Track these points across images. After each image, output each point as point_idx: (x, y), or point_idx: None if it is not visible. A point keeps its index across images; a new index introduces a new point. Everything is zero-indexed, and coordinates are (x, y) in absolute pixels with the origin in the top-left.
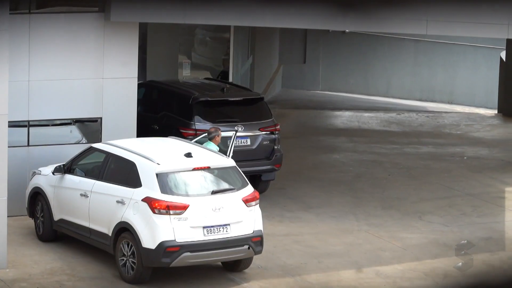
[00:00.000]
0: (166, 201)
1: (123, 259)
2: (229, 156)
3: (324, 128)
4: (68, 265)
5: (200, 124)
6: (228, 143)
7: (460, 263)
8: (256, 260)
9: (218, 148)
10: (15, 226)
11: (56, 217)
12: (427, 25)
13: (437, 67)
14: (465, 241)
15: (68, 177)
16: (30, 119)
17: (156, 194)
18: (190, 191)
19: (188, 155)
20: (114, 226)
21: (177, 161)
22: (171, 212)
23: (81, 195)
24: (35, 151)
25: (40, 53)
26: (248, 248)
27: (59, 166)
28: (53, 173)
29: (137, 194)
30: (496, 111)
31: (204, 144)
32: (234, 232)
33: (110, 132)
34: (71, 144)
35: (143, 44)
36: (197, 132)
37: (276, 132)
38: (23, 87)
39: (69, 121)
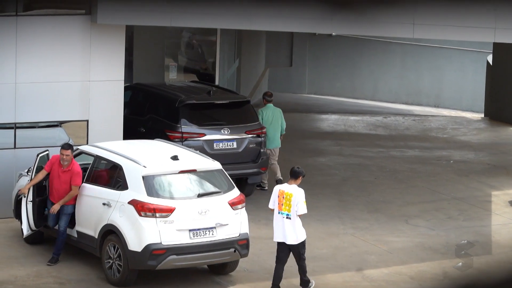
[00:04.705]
0: (152, 204)
1: (109, 262)
2: None
3: (311, 131)
4: (54, 267)
5: (186, 127)
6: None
7: (460, 263)
8: (242, 263)
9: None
10: (1, 228)
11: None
12: (413, 29)
13: (423, 71)
14: (465, 241)
15: None
16: (16, 121)
17: (142, 196)
18: (176, 194)
19: (175, 158)
20: (100, 228)
21: (163, 164)
22: (157, 215)
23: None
24: (22, 153)
25: (27, 55)
26: (234, 251)
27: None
28: (26, 172)
29: (124, 196)
30: (482, 115)
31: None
32: (220, 235)
33: (97, 135)
34: (58, 146)
35: (130, 47)
36: (184, 135)
37: (262, 135)
38: (10, 90)
39: (56, 124)
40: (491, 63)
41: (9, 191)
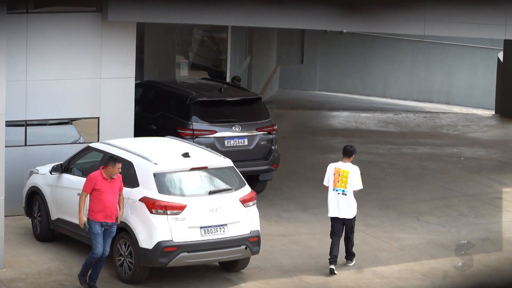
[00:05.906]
0: (164, 201)
1: (120, 259)
2: None
3: (322, 128)
4: (65, 265)
5: (197, 124)
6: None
7: (460, 263)
8: (254, 260)
9: None
10: (12, 226)
11: (54, 216)
12: (424, 26)
13: (434, 68)
14: (465, 241)
15: (66, 176)
16: (27, 118)
17: (154, 194)
18: (188, 191)
19: (186, 155)
20: None
21: (174, 161)
22: (169, 212)
23: (79, 194)
24: (33, 151)
25: (38, 53)
26: (246, 248)
27: (57, 165)
28: (50, 172)
29: (135, 194)
30: (493, 112)
31: None
32: (232, 232)
33: (108, 132)
34: (69, 143)
35: (141, 44)
36: (195, 132)
37: (274, 132)
38: (20, 87)
39: (66, 121)
40: (502, 60)
41: (20, 188)
